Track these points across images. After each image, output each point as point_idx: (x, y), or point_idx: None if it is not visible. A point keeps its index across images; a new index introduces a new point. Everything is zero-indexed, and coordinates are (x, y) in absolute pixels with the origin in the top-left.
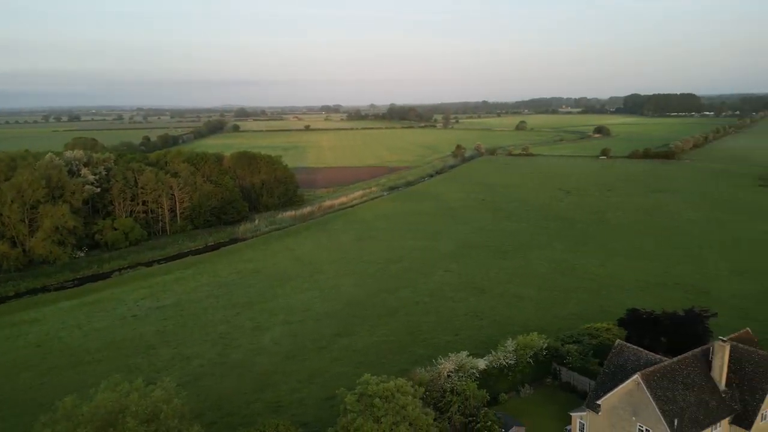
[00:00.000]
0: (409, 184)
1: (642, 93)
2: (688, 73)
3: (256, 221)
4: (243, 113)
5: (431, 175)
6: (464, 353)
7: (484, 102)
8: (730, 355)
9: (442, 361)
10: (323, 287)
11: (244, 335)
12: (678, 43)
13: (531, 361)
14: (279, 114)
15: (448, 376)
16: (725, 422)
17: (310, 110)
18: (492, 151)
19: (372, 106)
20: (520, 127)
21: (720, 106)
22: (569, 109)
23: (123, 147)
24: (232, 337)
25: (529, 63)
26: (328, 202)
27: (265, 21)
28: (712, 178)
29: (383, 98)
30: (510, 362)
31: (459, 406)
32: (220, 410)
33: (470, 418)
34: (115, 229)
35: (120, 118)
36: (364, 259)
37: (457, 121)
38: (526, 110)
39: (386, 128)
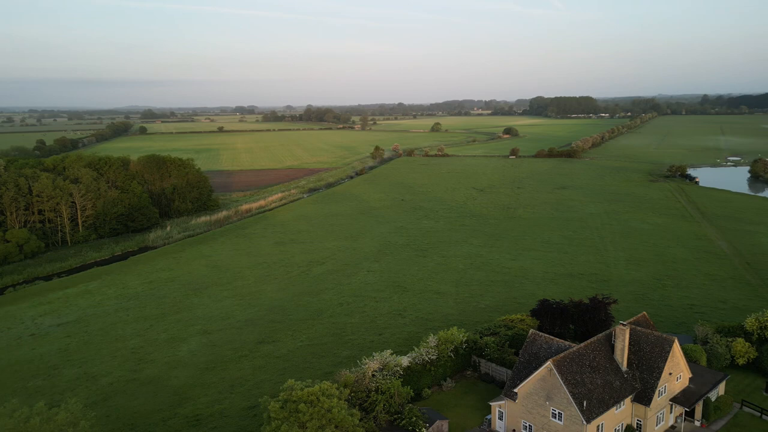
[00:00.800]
0: (329, 185)
1: (545, 96)
2: (586, 77)
3: (168, 228)
4: (150, 115)
5: (351, 177)
6: (388, 352)
7: (400, 104)
8: (629, 338)
9: (367, 361)
10: (243, 294)
11: (158, 348)
12: (576, 49)
13: (452, 355)
14: (190, 115)
15: (373, 375)
16: (628, 400)
17: (223, 111)
18: (409, 152)
19: (288, 107)
20: (435, 128)
21: (614, 108)
22: (480, 111)
23: (14, 152)
24: (145, 351)
25: (443, 66)
26: (245, 206)
27: (170, 17)
28: (609, 174)
29: (300, 99)
30: (432, 357)
31: (384, 405)
32: (133, 429)
33: (395, 416)
34: (7, 241)
35: (10, 120)
36: (286, 263)
37: (374, 123)
38: (440, 112)
39: (304, 129)
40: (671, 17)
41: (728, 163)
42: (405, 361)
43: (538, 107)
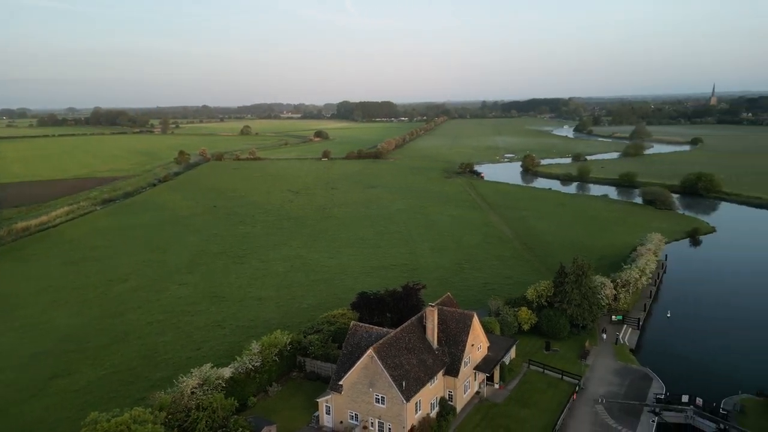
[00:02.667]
0: (127, 195)
1: (351, 100)
2: (386, 83)
3: None
4: None
5: (154, 184)
6: (208, 365)
7: (205, 106)
8: (438, 317)
9: (185, 378)
10: (27, 325)
11: None
12: (377, 56)
13: (277, 359)
14: None
15: (192, 392)
16: (440, 374)
17: None
18: (219, 157)
19: (71, 110)
20: (245, 131)
21: (412, 112)
22: (290, 115)
23: None
24: None
25: (250, 68)
26: (21, 224)
27: None
28: (412, 173)
29: (85, 101)
30: (256, 364)
31: (207, 421)
32: None
33: (220, 430)
34: None
35: None
36: (80, 285)
37: (177, 126)
38: (249, 115)
39: (92, 134)
40: (450, 31)
41: (505, 160)
42: (227, 372)
43: (345, 111)
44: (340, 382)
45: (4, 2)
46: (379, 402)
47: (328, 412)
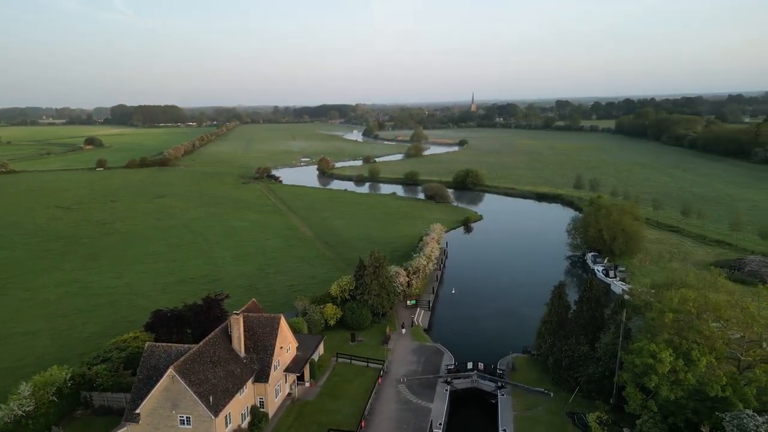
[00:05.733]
0: None
1: (129, 104)
2: (170, 85)
3: None
4: None
5: None
6: None
7: None
8: (244, 325)
9: None
10: None
11: None
12: (157, 58)
13: (55, 399)
14: None
15: None
16: (249, 382)
17: None
18: None
19: None
20: None
21: (200, 116)
22: (52, 120)
23: None
24: None
25: None
26: None
27: None
28: (205, 179)
29: None
30: (28, 409)
31: None
32: None
33: None
34: None
35: None
36: None
37: None
38: None
39: None
40: (239, 35)
41: (301, 163)
42: None
43: (122, 115)
44: (137, 411)
45: None
46: (184, 423)
47: None
